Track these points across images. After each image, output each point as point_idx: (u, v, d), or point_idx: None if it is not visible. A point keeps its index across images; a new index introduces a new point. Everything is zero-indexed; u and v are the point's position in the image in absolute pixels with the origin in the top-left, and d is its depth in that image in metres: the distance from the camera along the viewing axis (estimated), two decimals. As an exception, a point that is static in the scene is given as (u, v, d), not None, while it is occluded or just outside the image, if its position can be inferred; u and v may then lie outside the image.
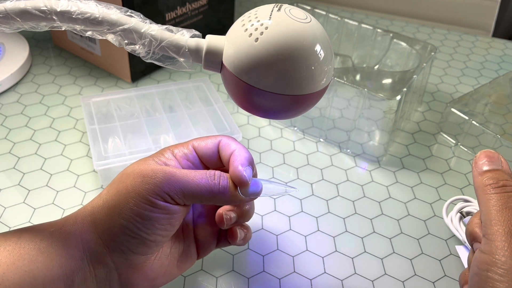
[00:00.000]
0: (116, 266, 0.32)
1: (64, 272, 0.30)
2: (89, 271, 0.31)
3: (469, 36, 0.79)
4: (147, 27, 0.30)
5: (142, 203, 0.31)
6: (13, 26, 0.29)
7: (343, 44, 0.63)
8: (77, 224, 0.32)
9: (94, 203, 0.33)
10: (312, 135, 0.56)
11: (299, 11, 0.29)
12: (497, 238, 0.28)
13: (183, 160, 0.35)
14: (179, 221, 0.33)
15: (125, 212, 0.31)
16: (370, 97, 0.50)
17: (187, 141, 0.36)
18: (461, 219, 0.45)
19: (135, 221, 0.31)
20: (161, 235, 0.32)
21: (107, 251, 0.31)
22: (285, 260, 0.42)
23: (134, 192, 0.31)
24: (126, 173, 0.33)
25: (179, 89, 0.57)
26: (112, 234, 0.31)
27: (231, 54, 0.29)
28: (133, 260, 0.32)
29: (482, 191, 0.30)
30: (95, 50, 0.63)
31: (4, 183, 0.47)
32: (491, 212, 0.29)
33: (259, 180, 0.34)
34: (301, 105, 0.30)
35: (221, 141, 0.35)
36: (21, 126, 0.55)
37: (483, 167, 0.31)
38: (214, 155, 0.35)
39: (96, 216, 0.32)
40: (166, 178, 0.31)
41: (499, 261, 0.27)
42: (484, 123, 0.54)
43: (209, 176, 0.32)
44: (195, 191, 0.32)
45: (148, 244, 0.31)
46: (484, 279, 0.28)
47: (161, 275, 0.34)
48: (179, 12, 0.61)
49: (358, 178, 0.51)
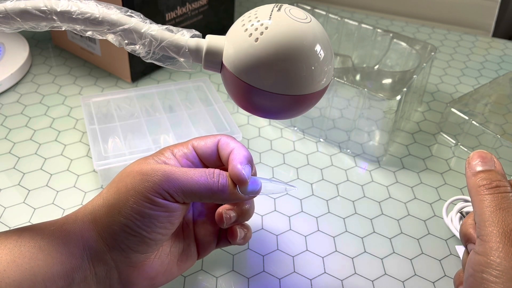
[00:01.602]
0: (116, 265, 0.32)
1: (64, 269, 0.30)
2: (89, 269, 0.31)
3: (469, 36, 0.79)
4: (147, 27, 0.30)
5: (142, 201, 0.31)
6: (13, 26, 0.29)
7: (343, 44, 0.63)
8: (77, 222, 0.32)
9: (94, 202, 0.33)
10: (312, 135, 0.56)
11: (299, 11, 0.29)
12: (491, 239, 0.28)
13: (182, 160, 0.35)
14: (178, 219, 0.33)
15: (125, 210, 0.31)
16: (370, 97, 0.50)
17: (186, 141, 0.36)
18: (461, 219, 0.45)
19: (135, 219, 0.31)
20: (161, 233, 0.32)
21: (107, 249, 0.31)
22: (285, 260, 0.42)
23: (134, 190, 0.31)
24: (126, 172, 0.33)
25: (179, 89, 0.57)
26: (112, 232, 0.31)
27: (231, 54, 0.29)
28: (133, 259, 0.32)
29: (475, 192, 0.30)
30: (95, 50, 0.63)
31: (4, 183, 0.47)
32: (485, 213, 0.29)
33: (258, 179, 0.34)
34: (301, 105, 0.30)
35: (220, 140, 0.35)
36: (21, 126, 0.55)
37: (476, 167, 0.31)
38: (213, 154, 0.35)
39: (96, 215, 0.32)
40: (166, 176, 0.31)
41: (493, 262, 0.27)
42: (484, 123, 0.54)
43: (208, 174, 0.32)
44: (195, 189, 0.32)
45: (148, 243, 0.32)
46: (479, 280, 0.28)
47: (161, 274, 0.34)
48: (179, 12, 0.61)
49: (358, 178, 0.51)
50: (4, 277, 0.28)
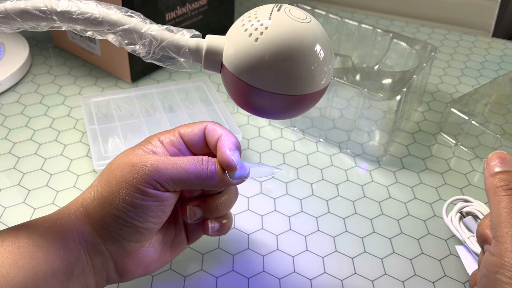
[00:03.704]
0: (111, 255, 0.32)
1: (64, 264, 0.30)
2: (86, 262, 0.31)
3: (469, 36, 0.79)
4: (147, 27, 0.30)
5: (133, 193, 0.31)
6: (13, 26, 0.29)
7: (343, 44, 0.63)
8: (70, 217, 0.32)
9: (85, 195, 0.33)
10: (312, 135, 0.56)
11: (299, 11, 0.29)
12: (506, 240, 0.28)
13: (170, 147, 0.35)
14: (170, 207, 0.33)
15: (116, 202, 0.31)
16: (370, 97, 0.50)
17: (173, 128, 0.36)
18: (461, 219, 0.45)
19: (127, 210, 0.31)
20: (153, 222, 0.32)
21: (101, 241, 0.32)
22: (285, 260, 0.42)
23: (124, 182, 0.31)
24: (115, 163, 0.33)
25: (179, 89, 0.57)
26: (106, 224, 0.31)
27: (231, 54, 0.29)
28: (127, 248, 0.32)
29: (493, 192, 0.30)
30: (95, 50, 0.63)
31: (4, 183, 0.47)
32: (502, 214, 0.29)
33: (246, 163, 0.34)
34: (301, 105, 0.30)
35: (207, 127, 0.35)
36: (21, 126, 0.55)
37: (494, 168, 0.31)
38: (200, 140, 0.35)
39: (89, 208, 0.32)
40: (155, 167, 0.31)
41: (508, 263, 0.27)
42: (484, 123, 0.54)
43: (197, 162, 0.32)
44: (184, 177, 0.32)
45: (141, 232, 0.32)
46: (493, 281, 0.28)
47: (155, 261, 0.35)
48: (179, 12, 0.61)
49: (358, 178, 0.51)
50: (8, 280, 0.28)
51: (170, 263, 0.41)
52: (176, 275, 0.40)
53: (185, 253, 0.41)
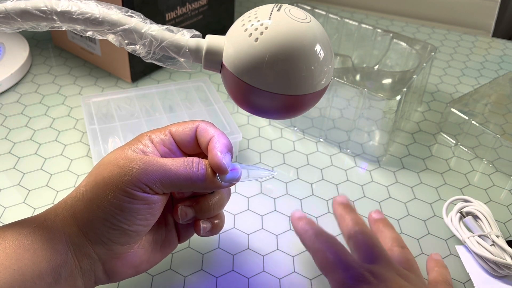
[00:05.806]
0: (99, 257, 0.32)
1: (51, 266, 0.30)
2: (74, 264, 0.31)
3: (469, 36, 0.79)
4: (148, 27, 0.30)
5: (121, 195, 0.30)
6: (13, 26, 0.29)
7: (343, 44, 0.63)
8: (57, 218, 0.32)
9: (73, 195, 0.32)
10: (312, 135, 0.56)
11: (299, 11, 0.29)
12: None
13: (160, 147, 0.34)
14: (159, 210, 0.33)
15: (104, 205, 0.30)
16: (370, 97, 0.50)
17: (164, 127, 0.35)
18: (461, 219, 0.45)
19: (114, 214, 0.30)
20: (142, 224, 0.32)
21: (89, 243, 0.31)
22: (284, 260, 0.42)
23: (112, 184, 0.30)
24: (104, 164, 0.32)
25: (179, 89, 0.57)
26: (93, 226, 0.31)
27: (231, 54, 0.29)
28: (115, 251, 0.32)
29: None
30: (95, 50, 0.63)
31: (4, 183, 0.47)
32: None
33: (238, 165, 0.34)
34: (301, 105, 0.30)
35: (198, 126, 0.35)
36: (21, 126, 0.55)
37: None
38: (191, 140, 0.35)
39: (76, 209, 0.31)
40: (144, 169, 0.31)
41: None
42: (484, 123, 0.54)
43: (187, 164, 0.32)
44: (174, 179, 0.31)
45: (129, 234, 0.31)
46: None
47: (145, 262, 0.34)
48: (179, 12, 0.61)
49: (358, 178, 0.51)
50: None
51: (170, 263, 0.41)
52: (176, 275, 0.40)
53: (185, 253, 0.41)
